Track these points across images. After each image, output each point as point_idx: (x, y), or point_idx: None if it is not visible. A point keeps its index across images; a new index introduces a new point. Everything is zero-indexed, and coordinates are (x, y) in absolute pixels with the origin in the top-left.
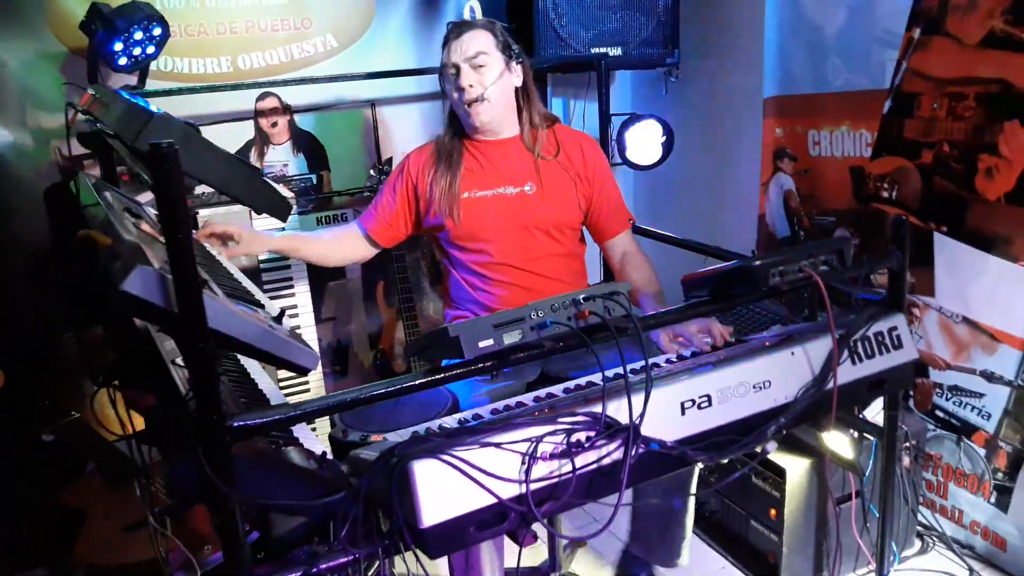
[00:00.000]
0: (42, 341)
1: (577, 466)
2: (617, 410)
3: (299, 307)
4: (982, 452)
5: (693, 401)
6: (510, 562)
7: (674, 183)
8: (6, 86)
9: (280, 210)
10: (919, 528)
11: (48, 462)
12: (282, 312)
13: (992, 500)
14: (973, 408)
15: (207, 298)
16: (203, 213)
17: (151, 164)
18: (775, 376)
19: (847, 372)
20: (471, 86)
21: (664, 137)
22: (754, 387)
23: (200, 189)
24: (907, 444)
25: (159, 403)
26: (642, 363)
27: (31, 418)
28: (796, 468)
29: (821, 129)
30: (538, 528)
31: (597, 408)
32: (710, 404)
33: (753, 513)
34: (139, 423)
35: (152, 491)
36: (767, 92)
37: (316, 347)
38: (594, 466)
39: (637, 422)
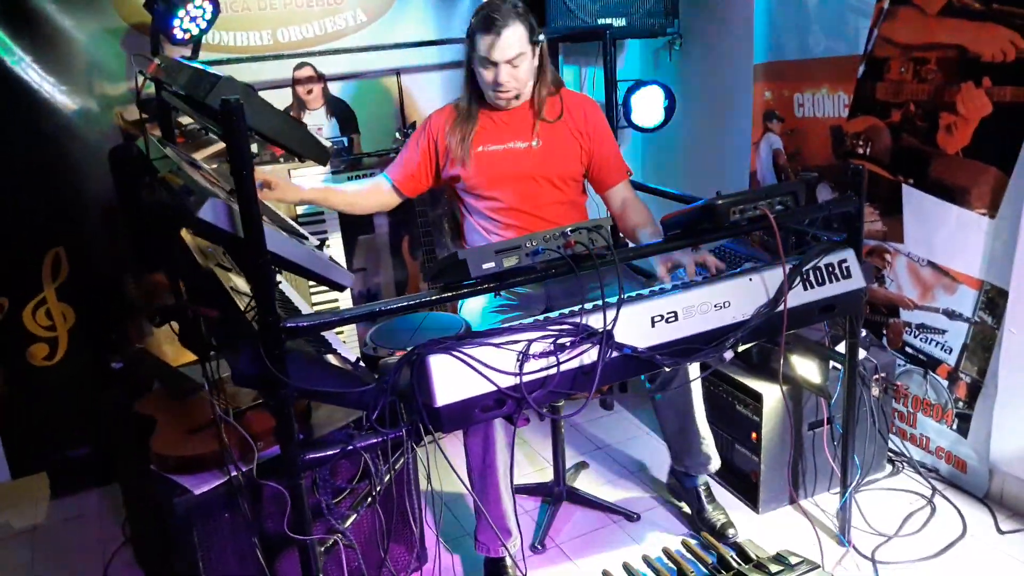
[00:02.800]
0: (108, 284)
1: (561, 363)
2: (598, 322)
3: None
4: (945, 384)
5: (662, 316)
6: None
7: (676, 144)
8: (76, 58)
9: (320, 156)
10: (890, 454)
11: (120, 383)
12: (322, 242)
13: (954, 427)
14: (937, 344)
15: (265, 225)
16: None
17: (222, 115)
18: (734, 297)
19: (799, 296)
20: (509, 83)
21: (666, 101)
22: (715, 306)
23: None
24: (877, 376)
25: (221, 317)
26: (636, 288)
27: (102, 349)
28: (771, 393)
29: (804, 92)
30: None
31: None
32: (676, 319)
33: (737, 437)
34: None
35: (217, 397)
36: (757, 59)
37: (348, 294)
38: (576, 364)
39: (610, 328)
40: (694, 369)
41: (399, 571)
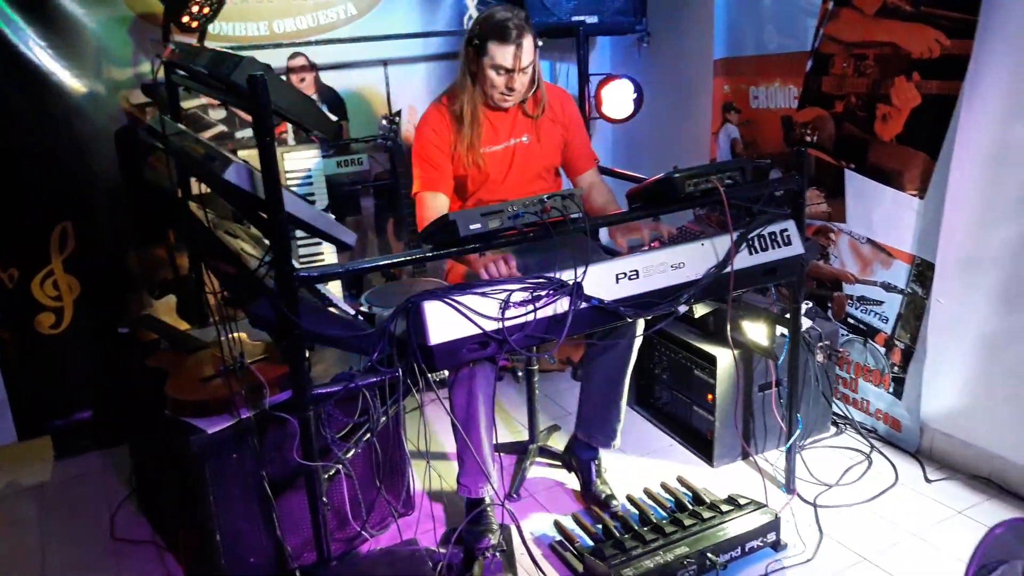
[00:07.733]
0: (112, 258)
1: (537, 311)
2: (570, 278)
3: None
4: (882, 351)
5: (625, 273)
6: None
7: (643, 133)
8: (86, 45)
9: (330, 132)
10: (834, 416)
11: (127, 346)
12: (327, 206)
13: (890, 390)
14: (875, 314)
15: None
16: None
17: (249, 90)
18: (688, 259)
19: (745, 260)
20: (521, 88)
21: (635, 94)
22: (672, 266)
23: (240, 133)
24: (821, 343)
25: (236, 273)
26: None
27: (109, 316)
28: (725, 357)
29: (759, 85)
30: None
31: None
32: (638, 276)
33: (694, 399)
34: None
35: (226, 348)
36: (717, 54)
37: None
38: (551, 313)
39: (580, 281)
40: (638, 334)
41: (388, 515)
